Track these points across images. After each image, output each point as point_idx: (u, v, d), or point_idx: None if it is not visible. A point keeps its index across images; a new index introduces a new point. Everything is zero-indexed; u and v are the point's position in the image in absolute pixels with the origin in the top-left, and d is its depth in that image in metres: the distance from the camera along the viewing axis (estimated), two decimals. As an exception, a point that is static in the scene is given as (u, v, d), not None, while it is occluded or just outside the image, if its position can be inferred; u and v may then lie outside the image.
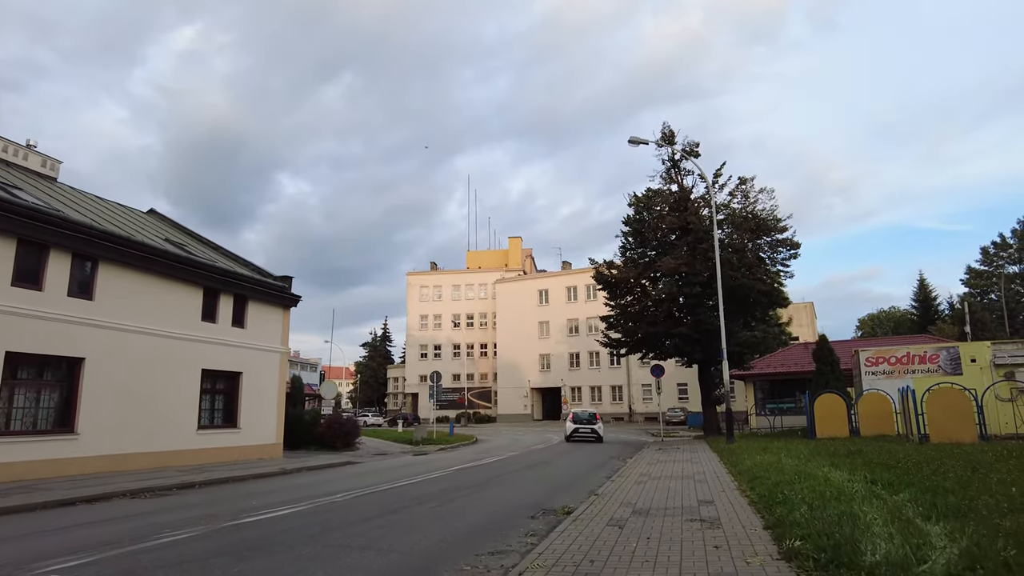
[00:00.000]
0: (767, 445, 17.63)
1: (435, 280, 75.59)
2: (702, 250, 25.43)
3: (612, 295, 29.25)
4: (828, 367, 22.19)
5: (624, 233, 29.02)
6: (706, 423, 28.06)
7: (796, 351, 40.86)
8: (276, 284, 20.94)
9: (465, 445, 28.65)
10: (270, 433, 20.27)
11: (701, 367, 27.96)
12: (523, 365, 66.05)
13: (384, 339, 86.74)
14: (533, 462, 17.97)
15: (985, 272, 75.94)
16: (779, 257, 27.36)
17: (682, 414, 50.18)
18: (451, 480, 13.36)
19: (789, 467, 10.85)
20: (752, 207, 27.11)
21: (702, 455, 17.47)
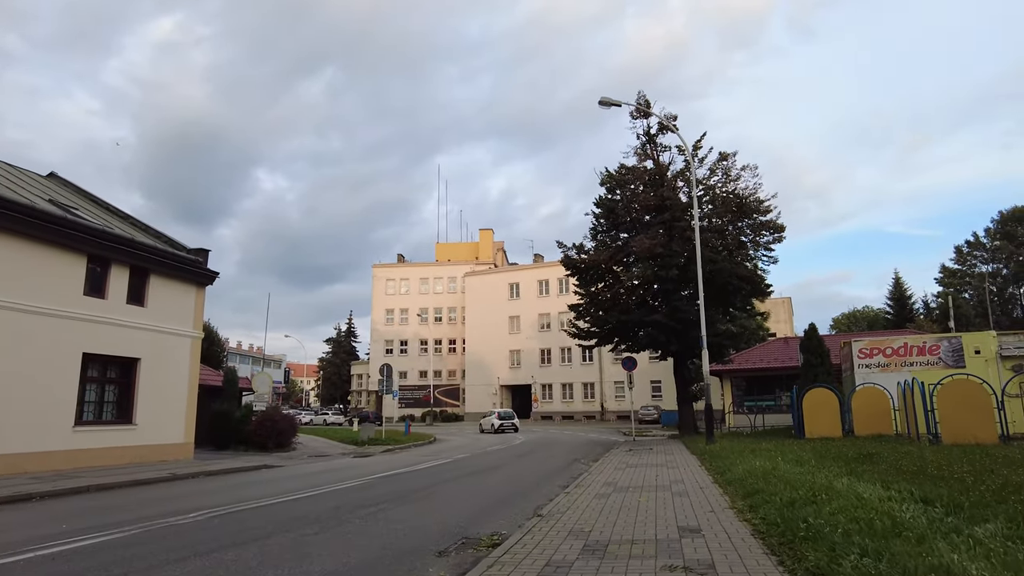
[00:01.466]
0: (754, 446, 15.20)
1: (402, 273, 72.43)
2: (679, 229, 22.98)
3: (582, 282, 26.69)
4: (818, 359, 19.96)
5: (595, 214, 26.49)
6: (682, 421, 25.69)
7: (775, 346, 38.85)
8: (187, 257, 17.88)
9: (418, 445, 25.83)
10: (176, 431, 17.23)
11: (677, 360, 25.55)
12: (492, 362, 63.33)
13: (349, 335, 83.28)
14: (481, 466, 15.27)
15: (959, 271, 75.48)
16: (762, 241, 25.06)
17: (655, 412, 48.00)
18: (365, 492, 10.58)
19: (795, 477, 8.31)
20: (734, 186, 24.77)
21: (679, 458, 14.96)
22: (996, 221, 73.42)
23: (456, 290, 69.88)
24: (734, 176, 24.72)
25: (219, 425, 23.42)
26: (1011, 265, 71.52)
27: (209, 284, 18.62)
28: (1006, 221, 72.40)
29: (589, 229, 26.72)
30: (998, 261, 73.05)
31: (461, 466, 15.21)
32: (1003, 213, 72.79)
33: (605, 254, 24.66)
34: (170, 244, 18.25)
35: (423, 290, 71.19)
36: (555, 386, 61.05)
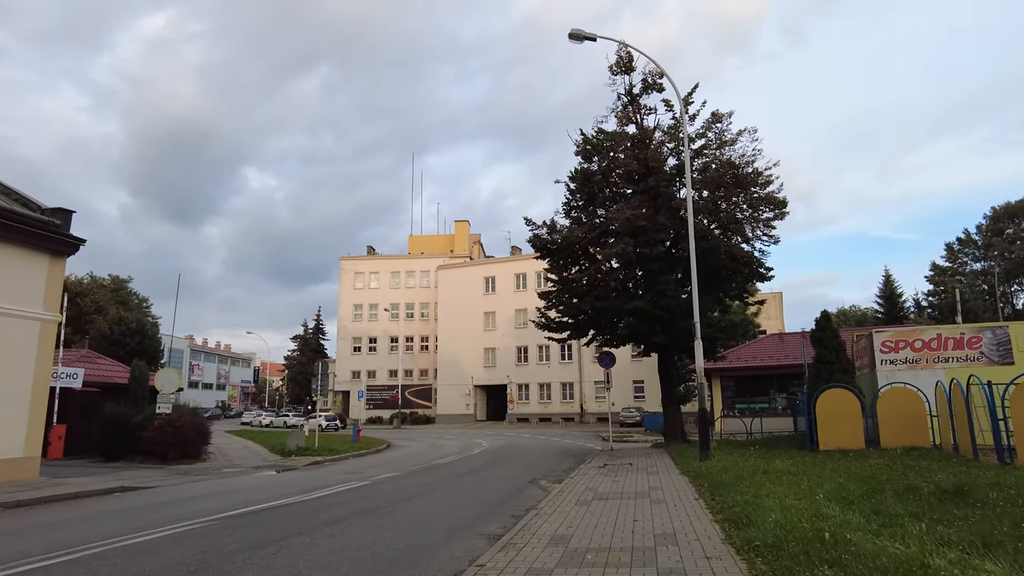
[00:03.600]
0: (764, 465, 11.56)
1: (371, 266, 68.27)
2: (666, 198, 19.38)
3: (553, 265, 22.96)
4: (833, 354, 16.48)
5: (569, 187, 22.78)
6: (667, 426, 22.07)
7: (769, 343, 35.52)
8: (35, 218, 13.84)
9: (359, 456, 21.96)
10: (14, 443, 13.20)
11: (662, 356, 21.94)
12: (466, 360, 59.47)
13: (317, 332, 78.90)
14: (400, 493, 11.42)
15: (949, 269, 73.26)
16: (761, 217, 21.51)
17: (638, 414, 44.48)
18: (180, 549, 6.73)
19: (870, 547, 4.61)
20: (729, 152, 21.19)
21: (666, 480, 11.28)
22: (988, 217, 71.29)
23: (429, 284, 65.95)
24: (729, 140, 21.15)
25: (113, 432, 19.41)
26: (1003, 262, 69.37)
27: (71, 254, 14.61)
28: (998, 218, 70.22)
29: (562, 204, 23.03)
30: (990, 259, 70.95)
31: (373, 493, 11.36)
32: (996, 209, 70.64)
33: (580, 231, 20.96)
34: (18, 201, 14.20)
35: (394, 284, 67.11)
36: (532, 386, 57.36)
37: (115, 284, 68.48)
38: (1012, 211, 68.79)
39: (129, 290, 69.71)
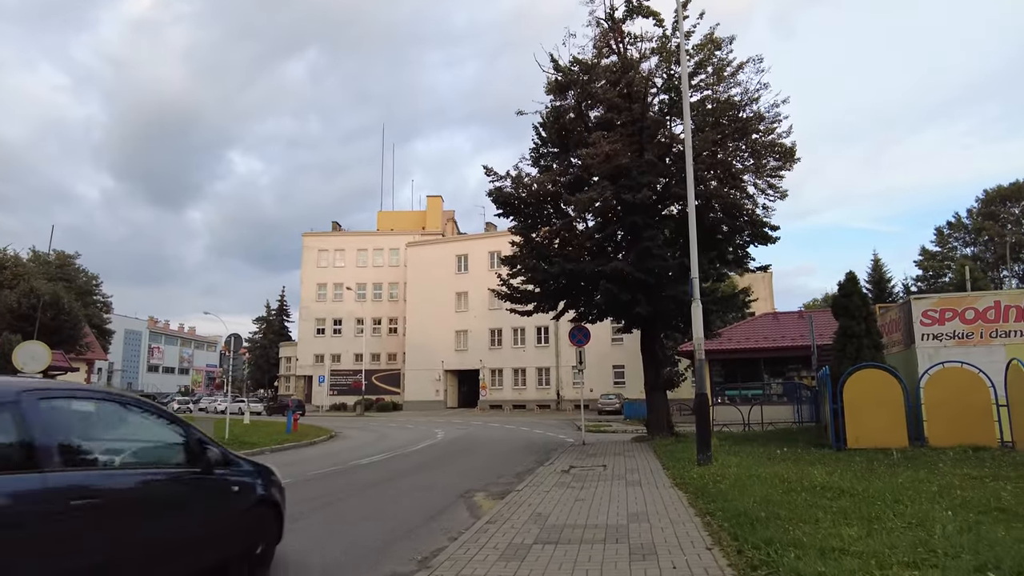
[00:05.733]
0: (793, 475, 7.97)
1: (336, 242, 63.93)
2: (653, 128, 15.72)
3: (519, 225, 19.17)
4: (861, 324, 12.95)
5: (538, 131, 18.97)
6: (651, 416, 18.53)
7: (763, 323, 32.19)
8: None
9: (282, 450, 18.16)
10: None
11: (646, 332, 18.35)
12: (436, 344, 55.67)
13: (281, 313, 74.44)
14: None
15: (939, 254, 71.05)
16: (766, 168, 17.90)
17: (617, 402, 41.17)
18: None
19: None
20: (728, 89, 17.50)
21: (653, 499, 7.64)
22: (980, 200, 69.09)
23: (398, 263, 61.81)
24: (729, 74, 17.43)
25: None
26: (992, 247, 67.22)
27: None
28: (990, 201, 67.97)
29: (529, 150, 19.21)
30: (979, 244, 68.90)
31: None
32: (988, 192, 68.37)
33: (549, 181, 17.19)
34: None
35: (361, 262, 62.89)
36: (506, 371, 53.83)
37: (60, 260, 63.34)
38: (1005, 194, 66.58)
39: (76, 267, 64.54)
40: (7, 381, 3.74)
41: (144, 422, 4.37)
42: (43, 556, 3.14)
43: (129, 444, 4.18)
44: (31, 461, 3.24)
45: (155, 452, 4.34)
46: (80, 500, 3.33)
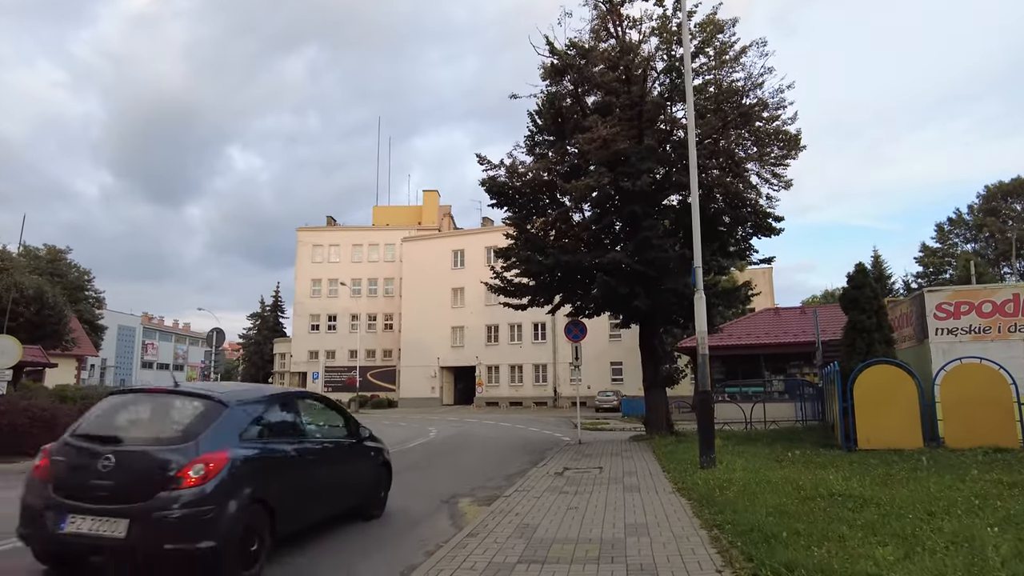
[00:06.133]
0: (807, 479, 7.28)
1: (331, 237, 63.11)
2: (653, 111, 15.00)
3: (514, 216, 18.42)
4: (871, 319, 12.27)
5: (533, 118, 18.22)
6: (650, 414, 17.83)
7: (763, 319, 31.54)
8: None
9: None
10: None
11: (645, 327, 17.64)
12: (432, 340, 54.97)
13: (275, 309, 73.59)
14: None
15: (939, 250, 70.49)
16: (770, 157, 17.19)
17: (615, 399, 40.49)
18: None
19: None
20: (731, 74, 16.76)
21: (653, 507, 6.95)
22: (981, 196, 68.48)
23: (394, 258, 61.04)
24: (731, 58, 16.68)
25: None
26: (993, 244, 66.64)
27: None
28: (991, 197, 67.33)
29: (524, 138, 18.46)
30: (980, 240, 68.33)
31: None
32: (989, 188, 67.75)
33: (544, 164, 16.47)
34: None
35: (356, 258, 62.11)
36: (503, 368, 53.15)
37: (51, 255, 62.48)
38: (1006, 190, 66.00)
39: (68, 262, 63.65)
40: (284, 389, 6.91)
41: (331, 412, 7.12)
42: (304, 481, 5.83)
43: (326, 424, 6.92)
44: (296, 431, 6.03)
45: (336, 430, 7.04)
46: (309, 453, 6.04)
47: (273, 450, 5.54)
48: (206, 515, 4.55)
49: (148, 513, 4.45)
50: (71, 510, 4.59)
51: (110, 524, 4.49)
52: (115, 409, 5.44)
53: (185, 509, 4.49)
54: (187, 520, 4.49)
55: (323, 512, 6.31)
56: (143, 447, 4.96)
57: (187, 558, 4.50)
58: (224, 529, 4.63)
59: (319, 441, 6.38)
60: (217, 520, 4.59)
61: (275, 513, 5.17)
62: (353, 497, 6.93)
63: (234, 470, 4.84)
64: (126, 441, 5.04)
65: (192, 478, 4.59)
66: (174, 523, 4.46)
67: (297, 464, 5.75)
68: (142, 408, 5.57)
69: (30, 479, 4.96)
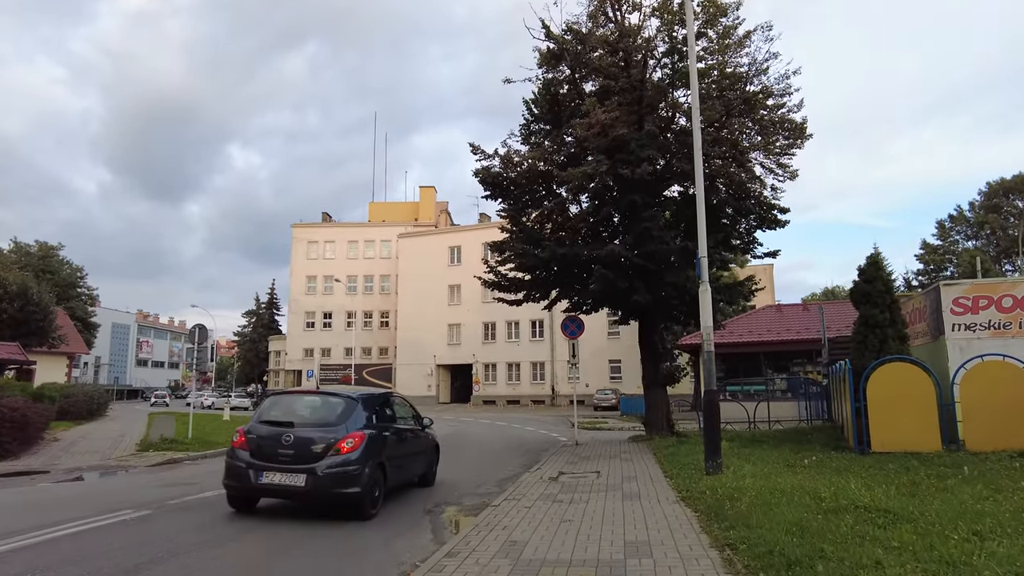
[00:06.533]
0: (826, 489, 6.59)
1: (327, 234, 62.36)
2: (654, 95, 14.31)
3: (508, 209, 17.70)
4: (884, 314, 11.61)
5: (529, 106, 17.53)
6: (650, 414, 17.14)
7: (765, 315, 30.91)
8: None
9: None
10: None
11: (644, 323, 16.97)
12: (428, 337, 54.29)
13: (271, 306, 72.84)
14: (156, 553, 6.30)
15: (940, 247, 69.89)
16: (775, 146, 16.50)
17: (613, 397, 39.88)
18: None
19: None
20: (735, 59, 16.05)
21: (655, 521, 6.26)
22: (983, 193, 67.83)
23: (390, 255, 60.33)
24: (735, 43, 15.96)
25: None
26: (994, 240, 66.04)
27: None
28: (993, 194, 66.67)
29: (520, 126, 17.78)
30: (981, 237, 67.70)
31: (106, 550, 6.19)
32: (991, 184, 67.08)
33: (540, 153, 15.77)
34: None
35: (352, 255, 61.37)
36: (500, 366, 52.49)
37: (42, 251, 61.70)
38: (1008, 187, 65.37)
39: (60, 258, 62.87)
40: (383, 391, 9.50)
41: (407, 407, 9.47)
42: (397, 452, 8.10)
43: (405, 415, 9.15)
44: (382, 419, 8.00)
45: (409, 420, 9.22)
46: (400, 434, 8.37)
47: (385, 431, 8.02)
48: (354, 472, 6.98)
49: (319, 470, 6.90)
50: (265, 468, 7.04)
51: (293, 477, 6.94)
52: (282, 404, 8.20)
53: (341, 468, 6.94)
54: (343, 475, 6.93)
55: (408, 476, 8.89)
56: (311, 427, 7.45)
57: (342, 499, 7.00)
58: (364, 481, 7.05)
59: (404, 427, 8.84)
60: (360, 475, 7.01)
61: (387, 473, 7.67)
62: (421, 467, 9.47)
63: (368, 443, 7.29)
64: (297, 424, 7.48)
65: (345, 448, 7.07)
66: (335, 476, 6.90)
67: (395, 441, 8.28)
68: (300, 403, 8.23)
69: (232, 449, 7.46)
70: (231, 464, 7.34)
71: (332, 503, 7.05)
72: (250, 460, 7.13)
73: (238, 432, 7.56)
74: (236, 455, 7.32)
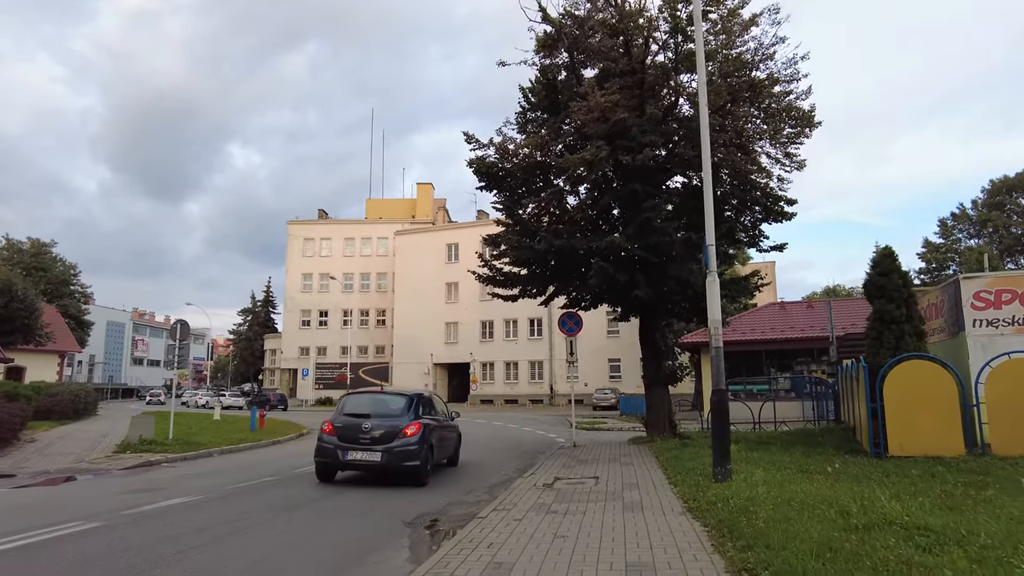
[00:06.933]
0: (859, 496, 5.89)
1: (323, 231, 61.60)
2: (656, 77, 13.59)
3: (503, 201, 16.95)
4: (900, 309, 10.90)
5: (525, 94, 16.81)
6: (651, 415, 16.42)
7: (768, 313, 30.22)
8: None
9: (235, 451, 16.08)
10: None
11: (645, 319, 16.26)
12: (425, 336, 53.59)
13: (267, 304, 72.09)
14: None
15: (943, 245, 69.23)
16: (782, 135, 15.78)
17: (613, 397, 39.18)
18: None
19: None
20: (741, 43, 15.33)
21: (663, 538, 5.55)
22: (986, 191, 67.14)
23: (387, 252, 59.55)
24: (740, 26, 15.23)
25: None
26: (997, 239, 65.36)
27: None
28: (996, 191, 65.99)
29: (516, 114, 17.04)
30: (984, 236, 67.00)
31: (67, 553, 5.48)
32: (994, 182, 66.41)
33: (537, 140, 15.05)
34: None
35: (348, 252, 60.61)
36: (497, 365, 51.78)
37: (34, 248, 60.91)
38: (1011, 185, 64.68)
39: (53, 256, 62.08)
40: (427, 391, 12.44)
41: (441, 403, 12.03)
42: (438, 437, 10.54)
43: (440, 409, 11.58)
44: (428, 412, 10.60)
45: (440, 414, 11.35)
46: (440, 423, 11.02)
47: (431, 420, 10.45)
48: (415, 450, 9.44)
49: (391, 449, 9.38)
50: (350, 449, 9.51)
51: (372, 454, 9.43)
52: (358, 401, 10.91)
53: (406, 447, 9.42)
54: (407, 452, 9.42)
55: (443, 455, 11.31)
56: (383, 418, 9.79)
57: (407, 470, 9.45)
58: (422, 457, 9.54)
59: (441, 418, 11.24)
60: (419, 452, 9.49)
61: (433, 452, 10.09)
62: (451, 450, 11.87)
63: (423, 430, 9.72)
64: (372, 416, 9.82)
65: (408, 433, 9.52)
66: (402, 454, 9.40)
67: (438, 428, 10.59)
68: (372, 400, 11.09)
69: (322, 434, 9.84)
70: (322, 446, 9.79)
71: (399, 473, 9.52)
72: (337, 443, 9.61)
73: (326, 422, 9.99)
74: (325, 439, 9.77)
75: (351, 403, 10.49)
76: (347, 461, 9.49)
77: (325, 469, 9.87)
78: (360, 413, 9.89)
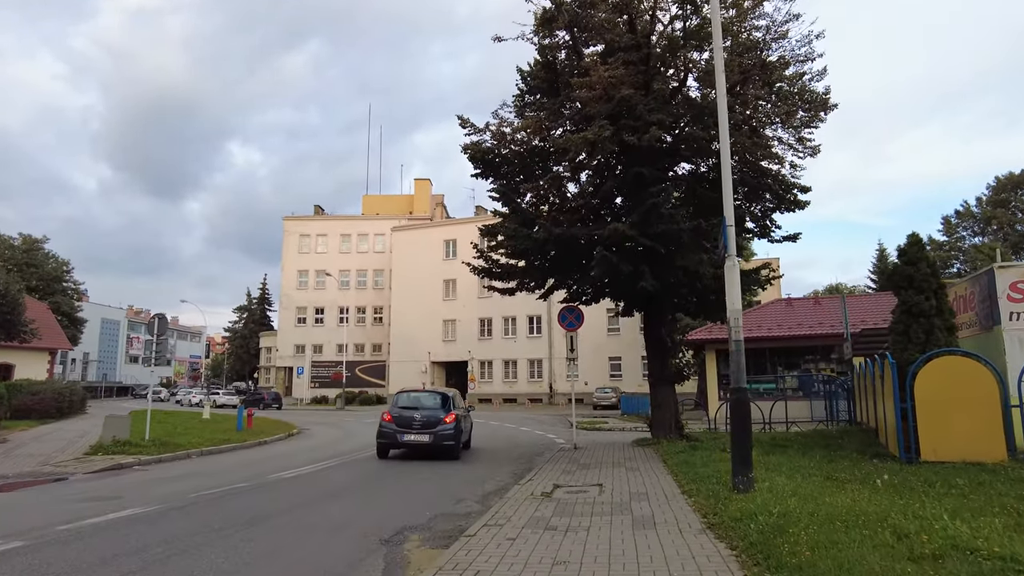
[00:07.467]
0: (912, 513, 5.00)
1: (319, 227, 60.60)
2: (665, 49, 12.67)
3: (500, 190, 16.01)
4: (930, 301, 10.02)
5: (523, 75, 15.89)
6: (656, 413, 15.49)
7: (774, 309, 29.25)
8: None
9: (218, 452, 15.18)
10: None
11: (650, 314, 15.35)
12: (423, 334, 52.62)
13: (262, 301, 71.14)
14: None
15: (946, 243, 68.34)
16: (795, 120, 14.88)
17: (614, 396, 38.23)
18: None
19: None
20: (750, 24, 14.44)
21: (680, 557, 4.65)
22: (991, 188, 66.25)
23: (384, 249, 58.59)
24: (750, 5, 14.31)
25: None
26: (1002, 236, 64.49)
27: None
28: (1001, 188, 65.12)
29: (513, 96, 16.13)
30: (988, 233, 66.13)
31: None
32: (999, 179, 65.51)
33: (535, 122, 14.13)
34: None
35: (344, 248, 59.65)
36: (496, 363, 50.83)
37: (26, 244, 59.95)
38: (1016, 182, 63.80)
39: (45, 252, 61.13)
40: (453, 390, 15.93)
41: (461, 397, 16.37)
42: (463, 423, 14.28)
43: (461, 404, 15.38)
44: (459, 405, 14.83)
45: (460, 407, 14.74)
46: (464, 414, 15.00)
47: (460, 412, 13.92)
48: (452, 434, 13.05)
49: (436, 433, 12.97)
50: (405, 432, 13.10)
51: (422, 436, 13.04)
52: (409, 397, 14.36)
53: (447, 431, 13.01)
54: (447, 435, 13.01)
55: (464, 439, 14.34)
56: (428, 410, 13.39)
57: (447, 448, 13.06)
58: (457, 439, 13.22)
59: (463, 410, 14.47)
60: (456, 435, 13.19)
61: (460, 436, 13.44)
62: (468, 436, 14.87)
63: (456, 419, 13.24)
64: (420, 408, 13.48)
65: (447, 421, 13.09)
66: (444, 436, 12.99)
67: (463, 418, 14.00)
68: (419, 396, 14.52)
69: (383, 421, 13.41)
70: (383, 430, 13.24)
71: (440, 451, 12.86)
72: (395, 428, 13.05)
73: (385, 413, 13.68)
74: (385, 426, 13.19)
75: (402, 399, 14.10)
76: (403, 442, 13.00)
77: (384, 447, 13.29)
78: (411, 406, 13.51)
